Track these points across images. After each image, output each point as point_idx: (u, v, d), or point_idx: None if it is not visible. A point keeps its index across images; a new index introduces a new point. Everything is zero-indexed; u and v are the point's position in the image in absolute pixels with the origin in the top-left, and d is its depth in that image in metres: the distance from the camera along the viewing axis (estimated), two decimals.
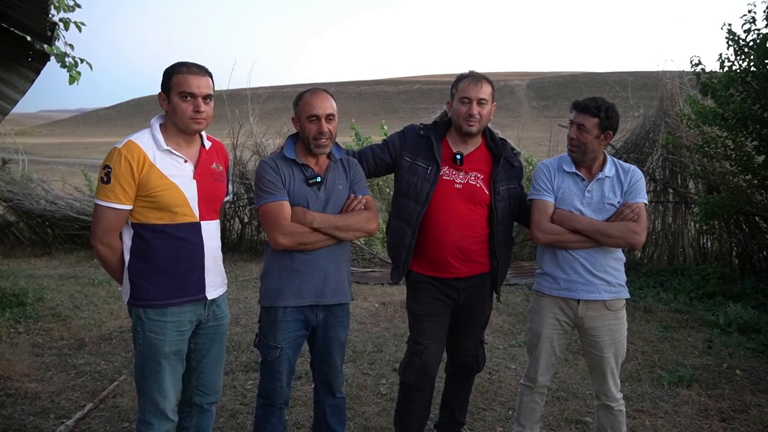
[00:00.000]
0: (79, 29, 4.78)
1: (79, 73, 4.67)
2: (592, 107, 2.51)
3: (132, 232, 2.16)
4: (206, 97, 2.16)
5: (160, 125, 2.20)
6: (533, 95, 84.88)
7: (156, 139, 2.15)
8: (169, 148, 2.16)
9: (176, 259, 2.17)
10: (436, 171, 2.63)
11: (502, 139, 2.78)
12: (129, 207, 2.12)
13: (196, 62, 2.18)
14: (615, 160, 2.64)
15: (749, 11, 5.22)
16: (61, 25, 4.39)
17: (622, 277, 2.62)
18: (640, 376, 3.94)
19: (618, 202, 2.55)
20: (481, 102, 2.59)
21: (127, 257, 2.18)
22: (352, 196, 2.49)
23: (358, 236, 2.54)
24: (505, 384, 3.82)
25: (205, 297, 2.25)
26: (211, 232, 2.26)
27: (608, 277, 2.56)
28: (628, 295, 2.64)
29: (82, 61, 4.67)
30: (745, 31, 5.27)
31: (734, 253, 6.81)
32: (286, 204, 2.37)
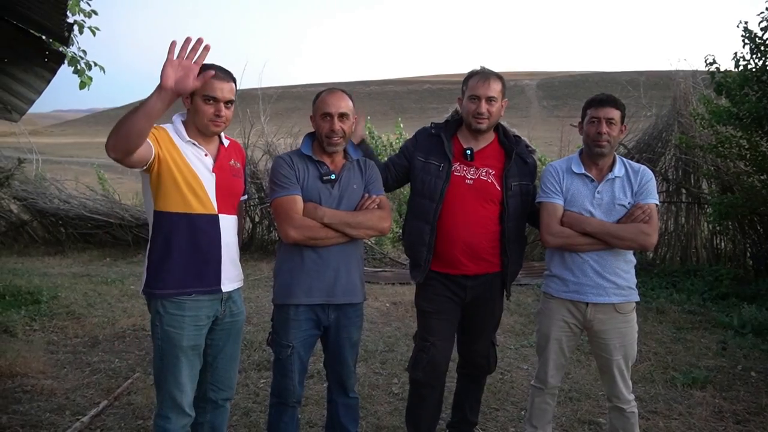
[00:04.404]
0: (93, 33, 4.81)
1: (90, 78, 4.70)
2: (613, 100, 2.54)
3: (153, 220, 2.21)
4: (228, 102, 2.21)
5: (182, 122, 2.26)
6: (543, 95, 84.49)
7: (179, 131, 2.22)
8: (191, 140, 2.22)
9: (194, 250, 2.20)
10: (449, 167, 2.63)
11: (516, 136, 2.78)
12: (152, 143, 2.09)
13: (222, 66, 2.21)
14: (624, 159, 2.62)
15: (767, 9, 5.17)
16: (76, 28, 4.43)
17: (633, 280, 2.58)
18: (653, 377, 3.92)
19: (629, 203, 2.53)
20: (490, 100, 2.59)
21: (149, 244, 2.23)
22: (366, 195, 2.50)
23: (370, 235, 2.55)
24: (517, 384, 3.81)
25: (221, 289, 2.27)
26: (228, 226, 2.30)
27: (618, 279, 2.53)
28: (638, 299, 2.61)
29: (95, 64, 4.71)
30: (762, 29, 5.21)
31: (748, 254, 6.75)
32: (299, 199, 2.39)
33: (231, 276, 2.32)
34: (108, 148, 1.96)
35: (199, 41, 1.97)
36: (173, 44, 1.95)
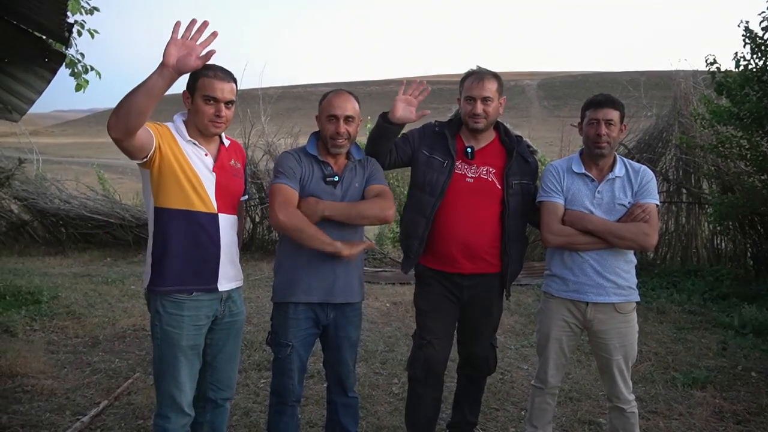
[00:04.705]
0: (92, 36, 4.81)
1: (86, 81, 4.70)
2: (611, 101, 2.54)
3: (153, 217, 2.22)
4: (228, 103, 2.22)
5: (183, 121, 2.27)
6: (544, 95, 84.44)
7: (179, 131, 2.23)
8: (192, 140, 2.23)
9: (193, 247, 2.21)
10: (452, 165, 2.64)
11: (518, 136, 2.78)
12: (153, 134, 2.10)
13: (222, 66, 2.22)
14: (625, 160, 2.62)
15: None
16: (75, 30, 4.43)
17: (633, 280, 2.58)
18: (653, 377, 3.92)
19: (629, 203, 2.53)
20: (485, 100, 2.60)
21: (150, 241, 2.24)
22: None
23: (374, 223, 2.56)
24: (518, 384, 3.81)
25: (217, 288, 2.27)
26: (228, 226, 2.30)
27: (618, 279, 2.53)
28: (638, 298, 2.60)
29: (91, 68, 4.71)
30: (762, 29, 5.21)
31: (749, 254, 6.75)
32: (297, 195, 2.38)
33: (229, 276, 2.32)
34: (109, 127, 1.96)
35: (205, 24, 1.97)
36: (178, 24, 1.94)
